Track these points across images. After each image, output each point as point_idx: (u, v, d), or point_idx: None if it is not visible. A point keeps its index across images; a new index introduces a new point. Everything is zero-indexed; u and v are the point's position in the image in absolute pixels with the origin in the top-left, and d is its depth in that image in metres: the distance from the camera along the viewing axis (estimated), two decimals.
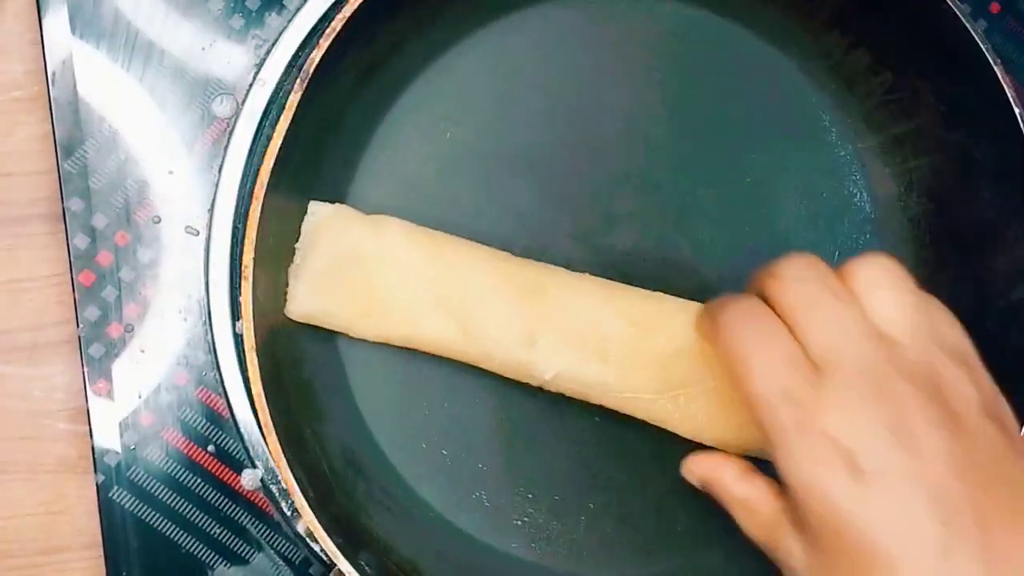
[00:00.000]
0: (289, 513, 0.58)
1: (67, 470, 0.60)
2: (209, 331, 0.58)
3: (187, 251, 0.59)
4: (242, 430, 0.58)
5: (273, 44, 0.59)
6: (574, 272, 0.60)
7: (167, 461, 0.58)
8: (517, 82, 0.62)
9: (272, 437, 0.53)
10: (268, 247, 0.55)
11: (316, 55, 0.53)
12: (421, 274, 0.57)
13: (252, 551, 0.59)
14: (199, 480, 0.58)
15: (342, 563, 0.53)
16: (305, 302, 0.57)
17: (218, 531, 0.59)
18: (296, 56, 0.59)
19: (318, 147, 0.58)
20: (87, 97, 0.58)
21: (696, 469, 0.56)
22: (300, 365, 0.58)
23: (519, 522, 0.62)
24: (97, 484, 0.58)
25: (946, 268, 0.63)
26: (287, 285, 0.57)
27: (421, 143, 0.61)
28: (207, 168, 0.59)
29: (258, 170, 0.53)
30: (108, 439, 0.58)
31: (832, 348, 0.47)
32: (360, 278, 0.57)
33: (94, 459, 0.58)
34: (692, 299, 0.59)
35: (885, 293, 0.48)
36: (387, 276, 0.57)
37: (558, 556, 0.62)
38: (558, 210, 0.62)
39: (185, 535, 0.58)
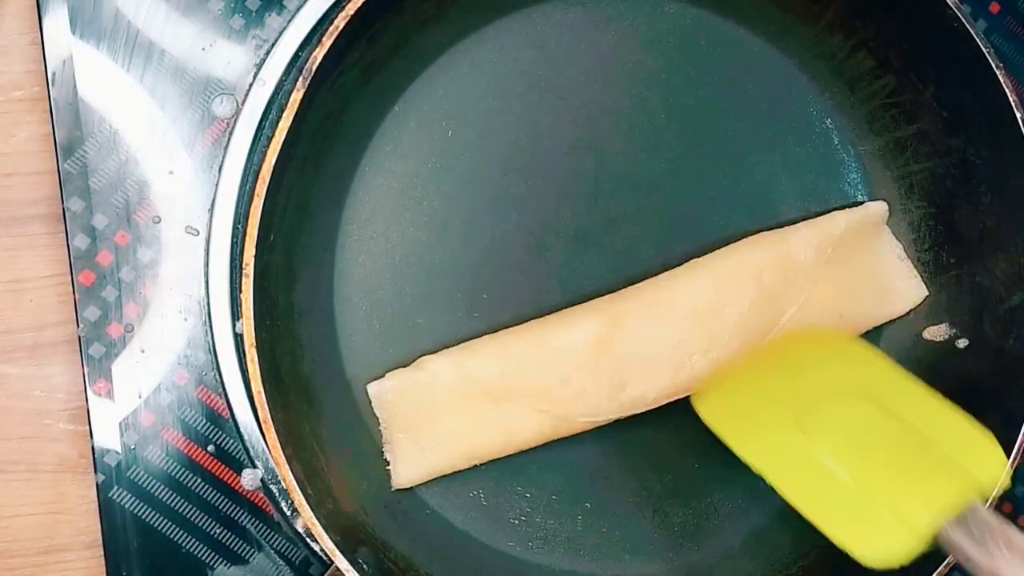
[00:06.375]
0: (289, 512, 0.58)
1: (67, 470, 0.60)
2: (209, 331, 0.58)
3: (187, 251, 0.59)
4: (242, 430, 0.58)
5: (273, 44, 0.59)
6: (593, 302, 0.61)
7: (167, 461, 0.58)
8: (518, 82, 0.62)
9: (271, 435, 0.53)
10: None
11: (318, 54, 0.53)
12: (486, 383, 0.59)
13: (252, 551, 0.59)
14: (199, 480, 0.59)
15: (340, 561, 0.53)
16: (408, 476, 0.60)
17: (218, 531, 0.59)
18: (296, 56, 0.59)
19: (319, 146, 0.58)
20: (87, 97, 0.57)
21: None
22: (299, 364, 0.58)
23: (516, 521, 0.62)
24: (97, 484, 0.58)
25: (946, 271, 0.63)
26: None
27: (422, 142, 0.61)
28: (207, 168, 0.59)
29: (259, 170, 0.53)
30: (108, 439, 0.58)
31: None
32: (441, 426, 0.59)
33: (94, 459, 0.58)
34: None
35: None
36: (461, 406, 0.59)
37: (555, 555, 0.62)
38: (558, 210, 0.62)
39: (185, 535, 0.58)
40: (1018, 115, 0.57)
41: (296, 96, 0.53)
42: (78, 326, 0.58)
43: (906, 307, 0.64)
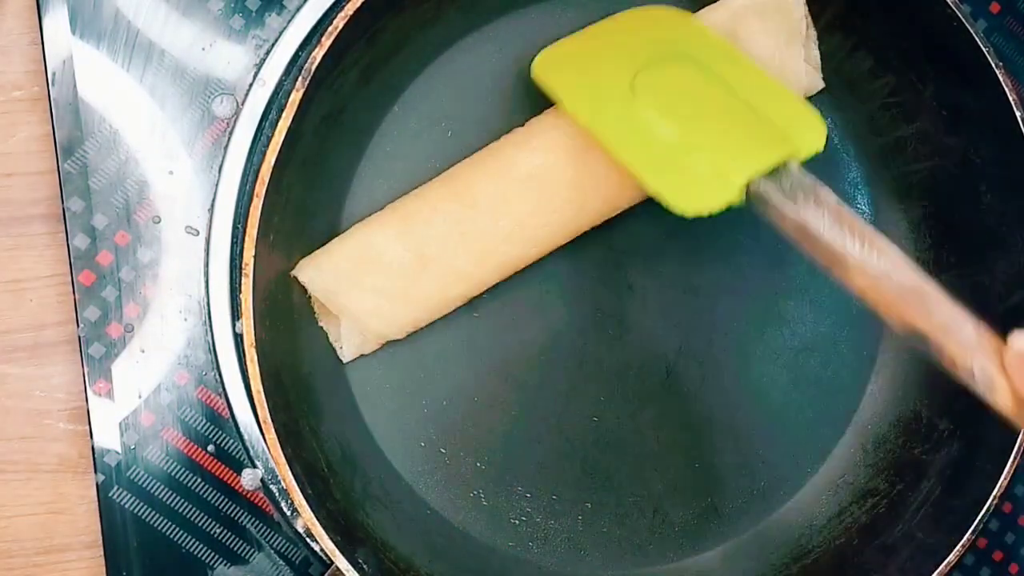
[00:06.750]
0: (289, 512, 0.58)
1: (67, 470, 0.60)
2: (209, 331, 0.58)
3: (187, 251, 0.59)
4: (242, 430, 0.58)
5: (273, 44, 0.59)
6: None
7: (167, 461, 0.58)
8: (518, 82, 0.62)
9: (271, 435, 0.53)
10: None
11: (318, 53, 0.53)
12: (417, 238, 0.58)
13: (252, 551, 0.59)
14: (199, 480, 0.59)
15: (340, 561, 0.53)
16: (356, 350, 0.60)
17: (218, 531, 0.59)
18: (296, 56, 0.59)
19: (319, 146, 0.58)
20: (87, 97, 0.57)
21: None
22: (299, 363, 0.58)
23: (516, 521, 0.62)
24: (97, 484, 0.58)
25: (946, 271, 0.63)
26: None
27: (422, 142, 0.61)
28: (207, 168, 0.59)
29: (258, 170, 0.53)
30: (108, 439, 0.58)
31: None
32: (385, 285, 0.58)
33: (94, 459, 0.58)
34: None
35: None
36: (396, 267, 0.58)
37: (555, 555, 0.62)
38: None
39: (185, 535, 0.58)
40: (1018, 115, 0.57)
41: (296, 96, 0.53)
42: (78, 326, 0.58)
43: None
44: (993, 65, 0.56)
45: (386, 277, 0.58)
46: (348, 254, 0.58)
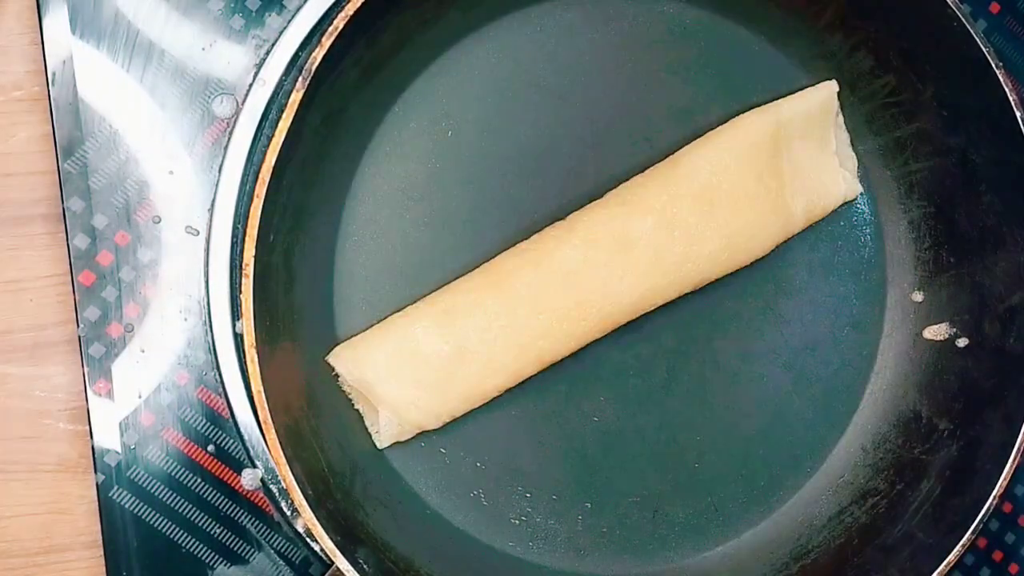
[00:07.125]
0: (289, 512, 0.58)
1: (67, 470, 0.60)
2: (209, 331, 0.58)
3: (187, 251, 0.59)
4: (242, 430, 0.58)
5: (273, 44, 0.59)
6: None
7: (167, 461, 0.58)
8: (518, 82, 0.62)
9: (271, 435, 0.53)
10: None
11: (318, 54, 0.53)
12: (455, 330, 0.59)
13: (252, 551, 0.59)
14: (199, 480, 0.59)
15: (340, 561, 0.53)
16: (393, 438, 0.60)
17: (218, 531, 0.59)
18: (296, 56, 0.59)
19: (319, 146, 0.58)
20: (87, 97, 0.57)
21: None
22: (299, 364, 0.58)
23: (517, 521, 0.62)
24: (97, 484, 0.58)
25: (946, 271, 0.63)
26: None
27: (422, 142, 0.61)
28: (207, 168, 0.59)
29: (258, 170, 0.53)
30: (108, 439, 0.58)
31: None
32: (423, 377, 0.59)
33: (94, 459, 0.58)
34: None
35: None
36: (436, 359, 0.59)
37: (555, 555, 0.62)
38: (559, 210, 0.62)
39: (185, 535, 0.58)
40: (1018, 115, 0.57)
41: (296, 96, 0.53)
42: (78, 326, 0.58)
43: (837, 201, 0.64)
44: (993, 65, 0.56)
45: (425, 369, 0.58)
46: (387, 346, 0.58)
